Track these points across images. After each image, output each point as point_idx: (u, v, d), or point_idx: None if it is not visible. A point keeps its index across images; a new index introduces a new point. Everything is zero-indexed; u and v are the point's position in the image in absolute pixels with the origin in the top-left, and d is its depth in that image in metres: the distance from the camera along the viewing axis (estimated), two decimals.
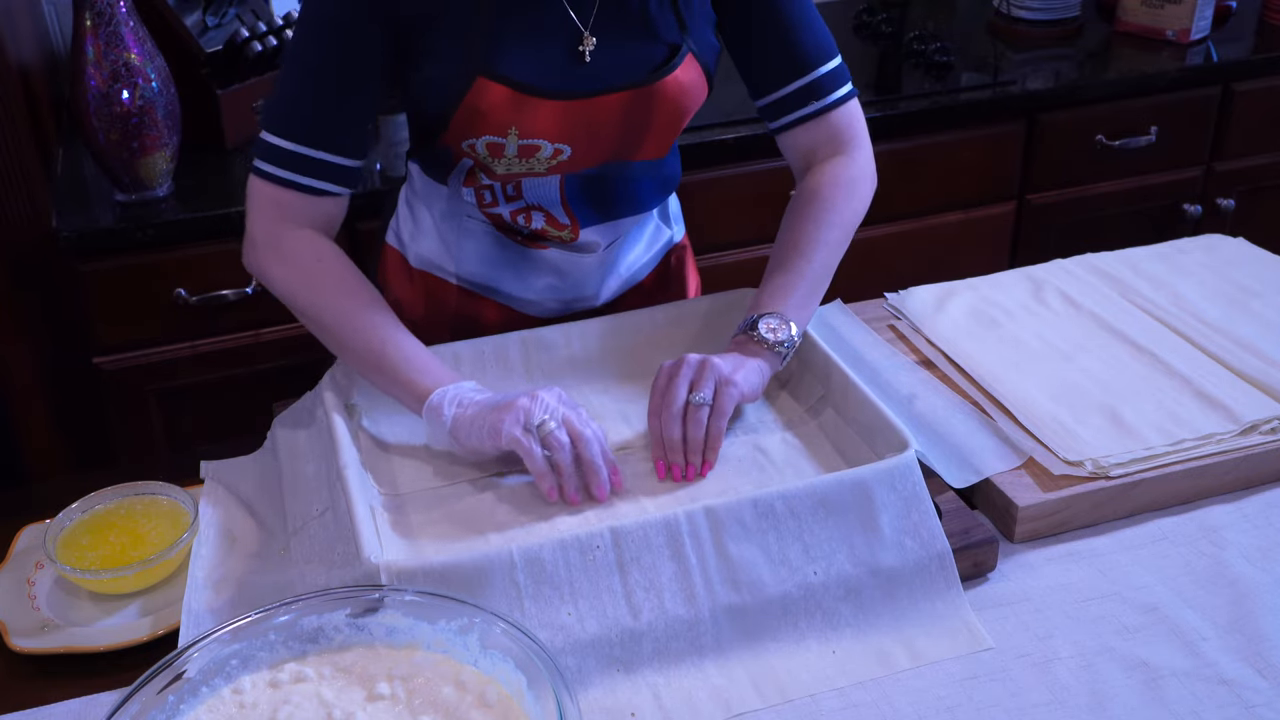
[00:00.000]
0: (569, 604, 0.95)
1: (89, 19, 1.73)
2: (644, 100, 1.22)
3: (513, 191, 1.28)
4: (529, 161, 1.22)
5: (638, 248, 1.43)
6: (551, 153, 1.21)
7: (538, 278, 1.36)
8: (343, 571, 0.97)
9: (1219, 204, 2.41)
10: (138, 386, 1.90)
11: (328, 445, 1.11)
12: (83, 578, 1.03)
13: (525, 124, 1.18)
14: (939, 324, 1.36)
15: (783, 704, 0.93)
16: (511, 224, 1.32)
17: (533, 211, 1.30)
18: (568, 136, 1.21)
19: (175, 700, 0.85)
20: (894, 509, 1.02)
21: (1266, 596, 1.00)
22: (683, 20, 1.22)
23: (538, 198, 1.29)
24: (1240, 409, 1.17)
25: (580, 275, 1.37)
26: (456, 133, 1.20)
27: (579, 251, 1.34)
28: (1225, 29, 2.45)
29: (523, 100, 1.17)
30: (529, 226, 1.31)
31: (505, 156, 1.21)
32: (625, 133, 1.24)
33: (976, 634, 0.98)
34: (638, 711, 0.93)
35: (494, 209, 1.30)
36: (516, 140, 1.19)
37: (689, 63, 1.23)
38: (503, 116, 1.18)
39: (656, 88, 1.21)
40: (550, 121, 1.19)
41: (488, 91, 1.16)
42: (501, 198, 1.29)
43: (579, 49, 1.19)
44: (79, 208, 1.84)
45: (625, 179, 1.32)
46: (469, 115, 1.18)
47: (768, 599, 0.98)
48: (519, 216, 1.30)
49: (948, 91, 2.18)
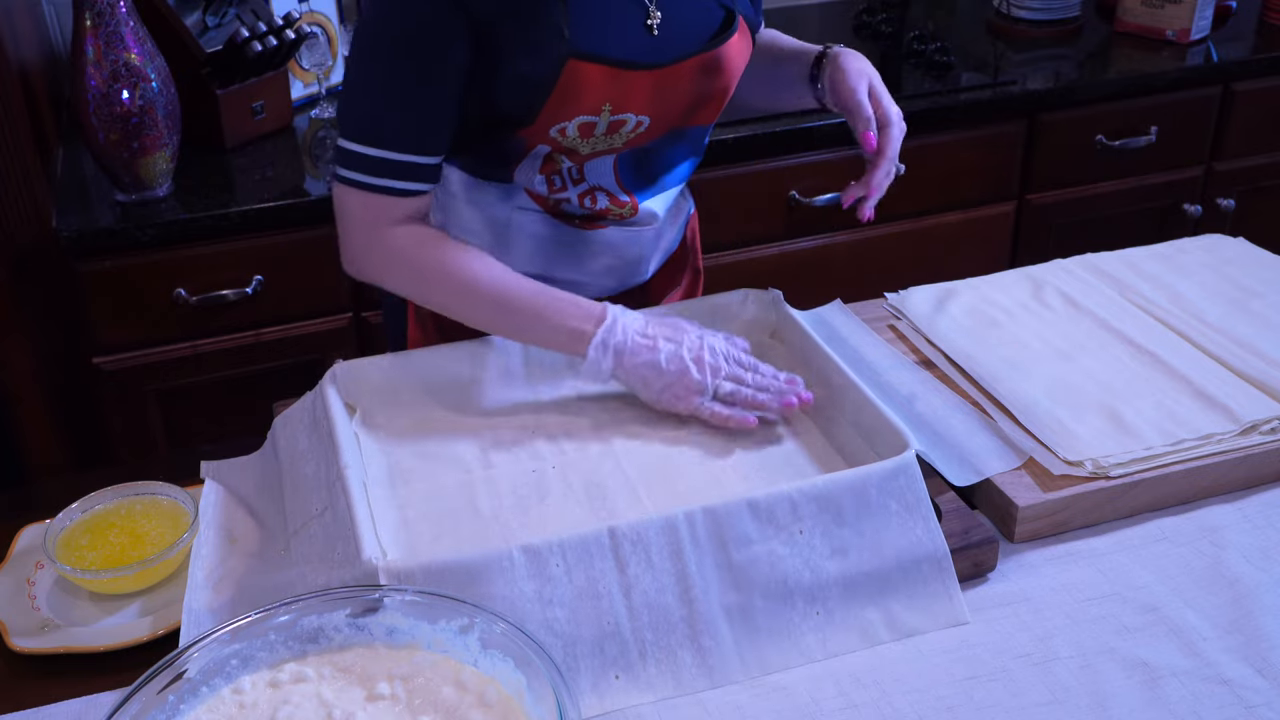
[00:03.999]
0: (568, 603, 0.95)
1: (89, 19, 1.73)
2: (711, 65, 1.25)
3: (578, 175, 1.30)
4: (612, 137, 1.24)
5: (670, 220, 1.44)
6: (634, 125, 1.24)
7: (594, 260, 1.37)
8: (343, 571, 0.97)
9: (1219, 204, 2.41)
10: (138, 386, 1.90)
11: (328, 445, 1.11)
12: (83, 578, 1.03)
13: (619, 99, 1.21)
14: (939, 324, 1.36)
15: (783, 703, 0.93)
16: (579, 206, 1.32)
17: (596, 192, 1.32)
18: (650, 108, 1.24)
19: (175, 700, 0.85)
20: (894, 509, 1.02)
21: (1266, 596, 1.00)
22: None
23: (598, 177, 1.31)
24: (1240, 409, 1.16)
25: (636, 251, 1.38)
26: (546, 120, 1.21)
27: (638, 226, 1.36)
28: (1225, 29, 2.45)
29: (617, 75, 1.19)
30: (594, 207, 1.33)
31: (594, 135, 1.23)
32: (694, 99, 1.27)
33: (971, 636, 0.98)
34: (637, 711, 0.93)
35: (562, 193, 1.31)
36: (609, 117, 1.22)
37: (743, 29, 1.28)
38: (598, 95, 1.20)
39: (721, 52, 1.25)
40: (641, 94, 1.22)
41: (582, 72, 1.18)
42: (569, 182, 1.30)
43: (647, 23, 1.22)
44: (79, 208, 1.84)
45: (672, 147, 1.34)
46: (562, 99, 1.19)
47: (766, 599, 0.98)
48: (585, 199, 1.32)
49: (948, 91, 2.18)
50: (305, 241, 1.90)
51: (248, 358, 1.94)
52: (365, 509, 1.01)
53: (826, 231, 2.17)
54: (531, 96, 1.19)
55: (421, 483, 1.14)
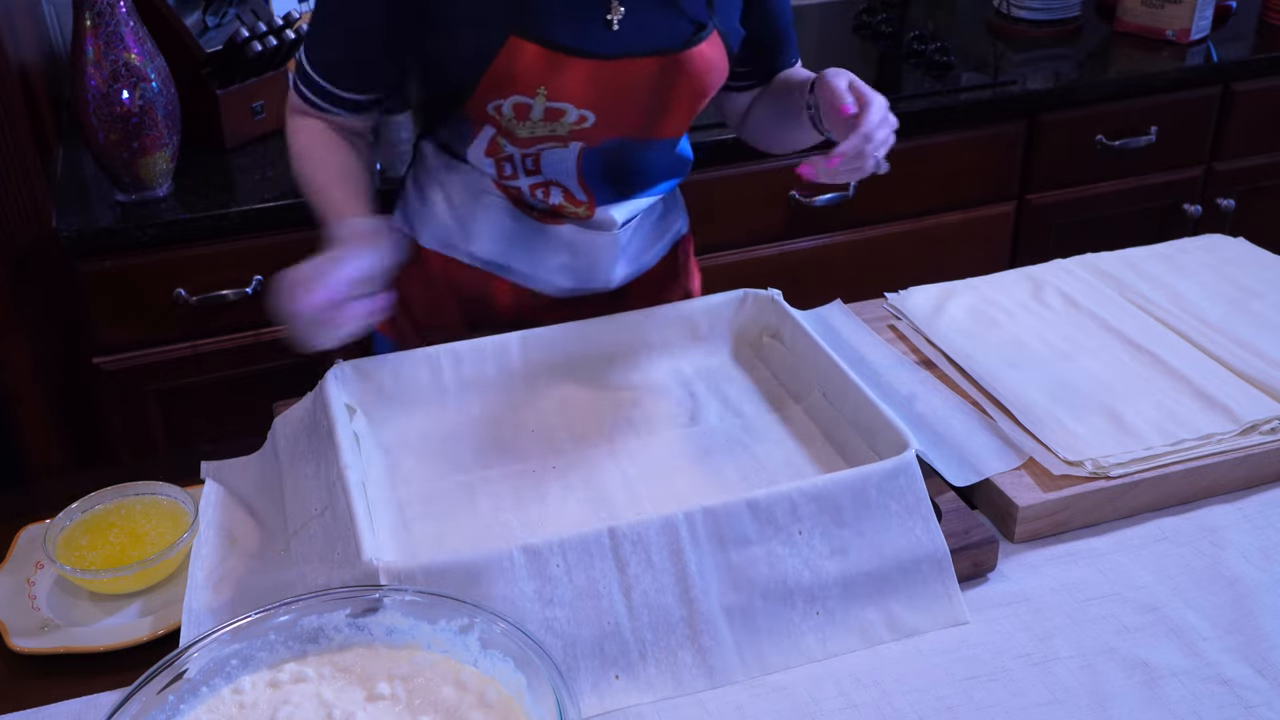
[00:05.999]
0: (568, 603, 0.95)
1: (89, 19, 1.73)
2: (670, 70, 1.24)
3: (532, 165, 1.30)
4: (553, 125, 1.24)
5: (648, 235, 1.44)
6: (576, 118, 1.23)
7: (552, 255, 1.37)
8: (343, 571, 0.97)
9: (1219, 204, 2.41)
10: (138, 386, 1.90)
11: (328, 445, 1.11)
12: (83, 578, 1.03)
13: (555, 84, 1.20)
14: (939, 324, 1.36)
15: (783, 703, 0.93)
16: (530, 198, 1.33)
17: (551, 186, 1.31)
18: (593, 101, 1.23)
19: (175, 700, 0.85)
20: (894, 509, 1.02)
21: (1266, 596, 1.00)
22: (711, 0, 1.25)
23: (556, 172, 1.30)
24: (1240, 409, 1.16)
25: (593, 255, 1.37)
26: (483, 95, 1.22)
27: (594, 229, 1.35)
28: (1225, 29, 2.45)
29: (554, 59, 1.19)
30: (547, 201, 1.33)
31: (530, 119, 1.23)
32: (649, 103, 1.26)
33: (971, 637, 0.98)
34: (638, 711, 0.93)
35: (513, 181, 1.32)
36: (544, 102, 1.21)
37: (714, 39, 1.25)
38: (533, 76, 1.20)
39: (683, 58, 1.23)
40: (579, 83, 1.21)
41: (521, 50, 1.18)
42: (521, 170, 1.31)
43: (607, 17, 1.21)
44: (79, 208, 1.84)
45: (641, 155, 1.33)
46: (499, 75, 1.20)
47: (766, 599, 0.98)
48: (538, 190, 1.32)
49: (948, 91, 2.18)
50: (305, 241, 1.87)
51: (248, 358, 1.94)
52: (365, 509, 1.01)
53: (826, 231, 2.17)
54: (470, 67, 1.21)
55: (421, 483, 1.14)
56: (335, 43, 1.27)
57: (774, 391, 1.26)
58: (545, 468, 1.15)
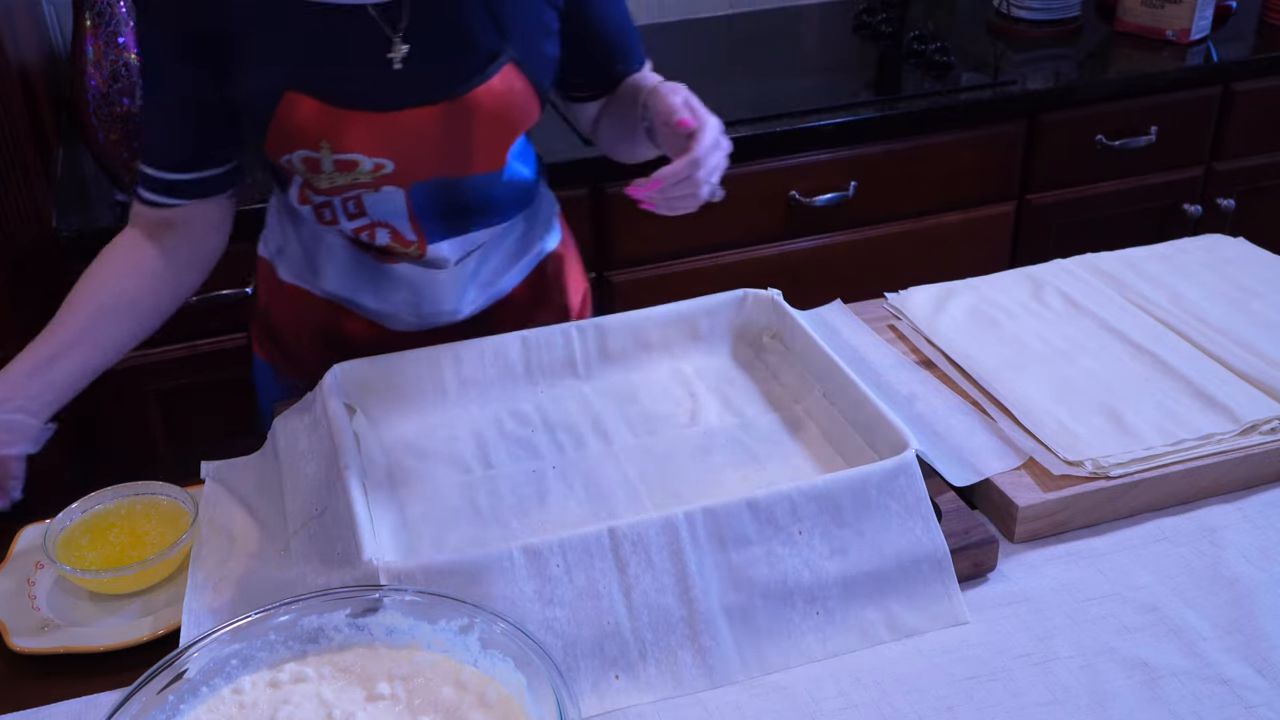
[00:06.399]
0: (568, 603, 0.95)
1: (89, 19, 1.73)
2: (460, 114, 1.19)
3: (354, 209, 1.25)
4: (351, 175, 1.20)
5: (501, 260, 1.39)
6: (371, 167, 1.19)
7: (394, 292, 1.34)
8: (343, 571, 0.97)
9: (1219, 204, 2.41)
10: (138, 386, 1.90)
11: (328, 445, 1.11)
12: (83, 578, 1.03)
13: (336, 138, 1.17)
14: (939, 324, 1.36)
15: (783, 703, 0.93)
16: (355, 240, 1.30)
17: (377, 228, 1.27)
18: (385, 150, 1.18)
19: (175, 700, 0.85)
20: (894, 509, 1.02)
21: (1266, 596, 1.00)
22: (501, 26, 1.18)
23: (383, 213, 1.26)
24: (1240, 409, 1.16)
25: (434, 290, 1.34)
26: (273, 148, 1.20)
27: (429, 267, 1.32)
28: (1225, 29, 2.45)
29: (332, 113, 1.15)
30: (373, 243, 1.29)
31: (323, 171, 1.19)
32: (447, 148, 1.21)
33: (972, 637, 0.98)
34: (638, 711, 0.93)
35: (335, 226, 1.28)
36: (331, 155, 1.17)
37: (507, 72, 1.19)
38: (314, 131, 1.16)
39: (469, 100, 1.18)
40: (363, 136, 1.17)
41: (297, 105, 1.15)
42: (342, 214, 1.26)
43: (388, 56, 1.15)
44: (79, 207, 1.84)
45: (470, 191, 1.27)
46: (281, 130, 1.17)
47: (766, 599, 0.98)
48: (362, 233, 1.28)
49: (948, 91, 2.18)
50: None
51: (248, 358, 1.94)
52: (365, 509, 1.01)
53: (826, 231, 2.17)
54: (254, 121, 1.18)
55: (421, 483, 1.14)
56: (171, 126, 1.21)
57: (774, 391, 1.26)
58: (545, 468, 1.15)
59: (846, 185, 2.12)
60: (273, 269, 1.41)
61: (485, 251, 1.36)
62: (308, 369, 1.35)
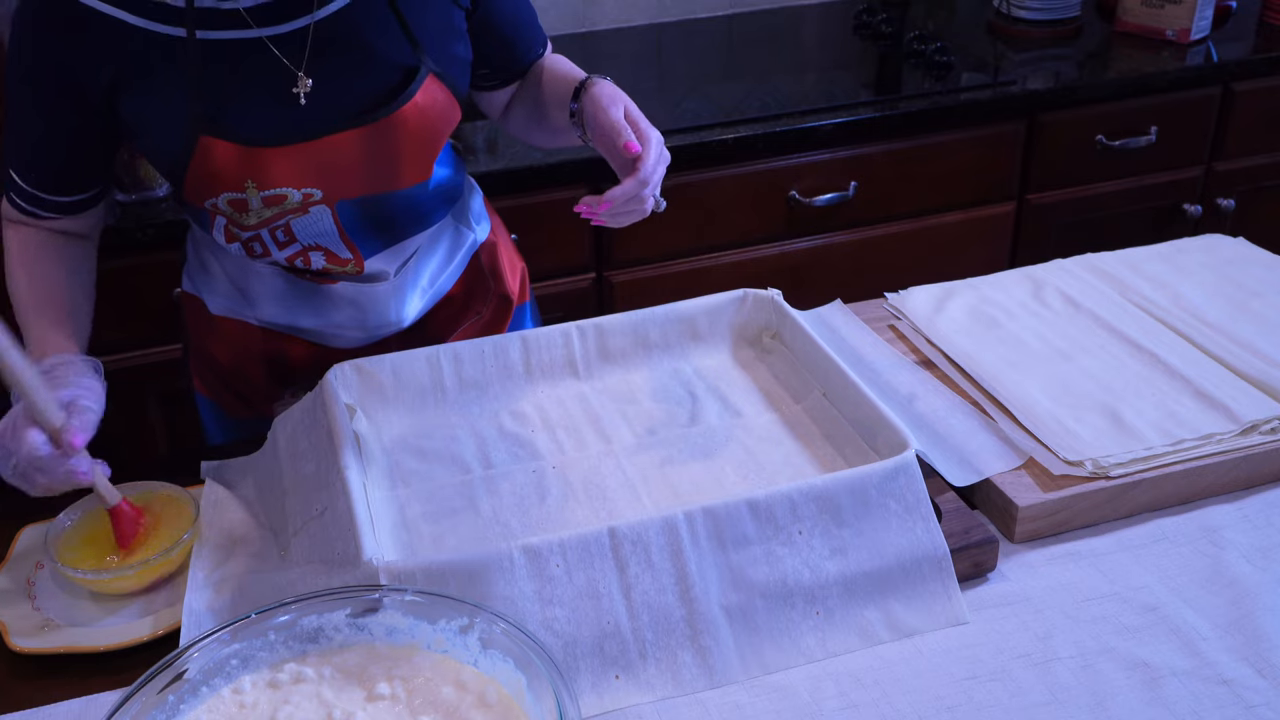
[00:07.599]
0: (568, 603, 0.95)
1: None
2: (384, 133, 1.17)
3: (284, 237, 1.23)
4: (279, 207, 1.18)
5: (436, 262, 1.38)
6: (300, 197, 1.18)
7: (336, 311, 1.33)
8: (343, 571, 0.97)
9: (1219, 204, 2.41)
10: (138, 386, 1.89)
11: (327, 445, 1.11)
12: (83, 578, 1.03)
13: (260, 176, 1.15)
14: (939, 324, 1.36)
15: (783, 703, 0.93)
16: (290, 268, 1.29)
17: (310, 252, 1.26)
18: (311, 180, 1.17)
19: (175, 700, 0.85)
20: (894, 509, 1.02)
21: (1266, 596, 1.00)
22: (415, 40, 1.17)
23: (313, 236, 1.24)
24: (1240, 409, 1.16)
25: (377, 304, 1.33)
26: (194, 193, 1.17)
27: (369, 282, 1.31)
28: (1225, 29, 2.45)
29: (251, 153, 1.13)
30: (309, 268, 1.28)
31: (250, 210, 1.18)
32: (373, 167, 1.20)
33: (972, 637, 0.98)
34: (638, 711, 0.93)
35: (266, 259, 1.27)
36: (257, 193, 1.16)
37: (429, 85, 1.18)
38: (235, 173, 1.14)
39: (394, 119, 1.17)
40: (286, 170, 1.15)
41: (213, 149, 1.13)
42: (273, 245, 1.24)
43: (294, 91, 1.13)
44: None
45: (403, 202, 1.26)
46: (201, 174, 1.14)
47: (766, 599, 0.98)
48: (296, 260, 1.26)
49: (948, 91, 2.18)
50: None
51: None
52: (365, 509, 1.01)
53: (826, 231, 2.17)
54: (172, 169, 1.16)
55: (421, 483, 1.14)
56: (36, 148, 1.18)
57: (774, 391, 1.26)
58: (545, 468, 1.15)
59: (846, 185, 2.12)
60: (202, 304, 1.37)
61: (420, 255, 1.35)
62: (255, 399, 1.35)
